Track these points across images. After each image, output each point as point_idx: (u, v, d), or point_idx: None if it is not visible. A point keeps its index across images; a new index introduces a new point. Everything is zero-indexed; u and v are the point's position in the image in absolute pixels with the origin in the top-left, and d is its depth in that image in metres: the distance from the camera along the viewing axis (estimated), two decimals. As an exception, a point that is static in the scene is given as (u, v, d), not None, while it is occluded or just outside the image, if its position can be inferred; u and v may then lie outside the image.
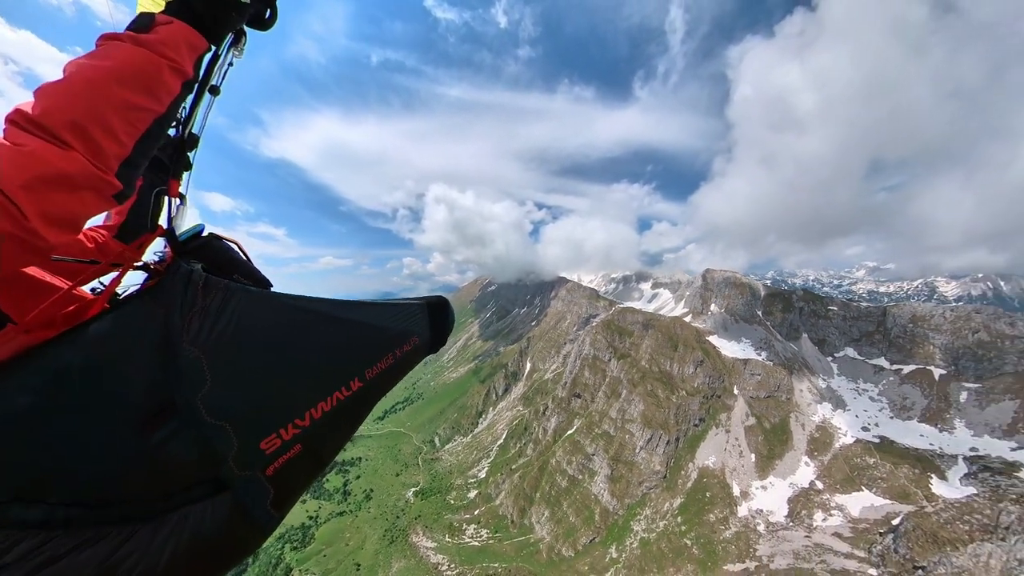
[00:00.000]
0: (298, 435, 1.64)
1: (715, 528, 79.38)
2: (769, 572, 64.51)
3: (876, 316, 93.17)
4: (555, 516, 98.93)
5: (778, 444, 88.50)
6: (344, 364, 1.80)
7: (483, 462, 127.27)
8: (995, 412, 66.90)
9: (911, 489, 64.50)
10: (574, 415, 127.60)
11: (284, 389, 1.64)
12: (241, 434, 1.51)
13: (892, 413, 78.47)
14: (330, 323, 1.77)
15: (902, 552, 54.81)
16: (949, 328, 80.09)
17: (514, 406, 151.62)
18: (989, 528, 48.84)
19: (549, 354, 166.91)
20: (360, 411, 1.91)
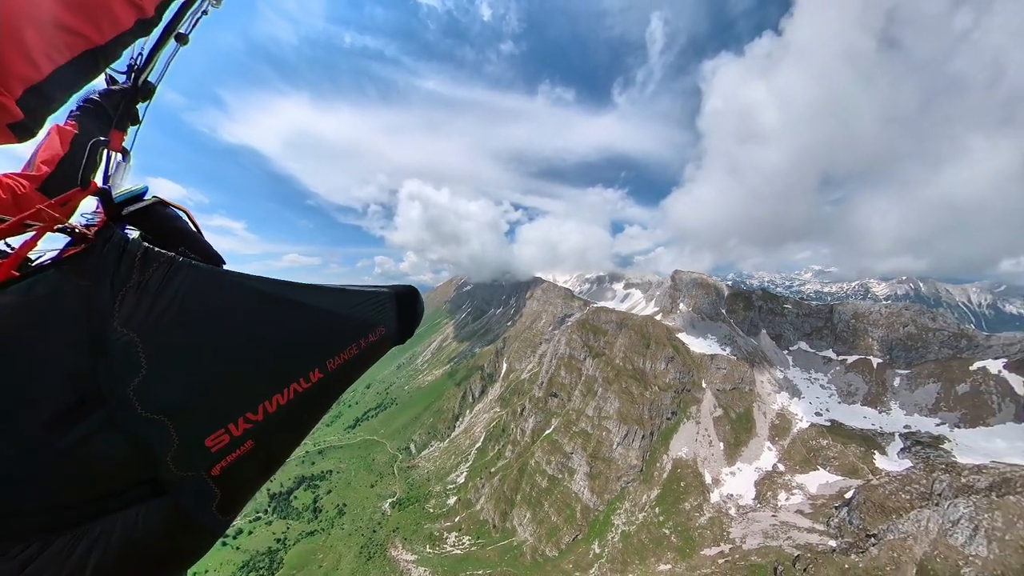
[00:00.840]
0: (250, 430, 1.47)
1: (691, 516, 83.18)
2: (742, 553, 68.54)
3: (824, 313, 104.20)
4: (537, 517, 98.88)
5: (743, 432, 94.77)
6: (304, 353, 1.65)
7: (462, 467, 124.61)
8: (922, 394, 77.30)
9: (859, 465, 71.72)
10: (551, 415, 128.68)
11: (235, 379, 1.46)
12: (182, 429, 1.34)
13: (840, 399, 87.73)
14: (290, 308, 1.61)
15: (856, 523, 60.56)
16: (884, 323, 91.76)
17: (491, 408, 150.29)
18: (926, 495, 55.25)
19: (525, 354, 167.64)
20: (320, 404, 1.76)
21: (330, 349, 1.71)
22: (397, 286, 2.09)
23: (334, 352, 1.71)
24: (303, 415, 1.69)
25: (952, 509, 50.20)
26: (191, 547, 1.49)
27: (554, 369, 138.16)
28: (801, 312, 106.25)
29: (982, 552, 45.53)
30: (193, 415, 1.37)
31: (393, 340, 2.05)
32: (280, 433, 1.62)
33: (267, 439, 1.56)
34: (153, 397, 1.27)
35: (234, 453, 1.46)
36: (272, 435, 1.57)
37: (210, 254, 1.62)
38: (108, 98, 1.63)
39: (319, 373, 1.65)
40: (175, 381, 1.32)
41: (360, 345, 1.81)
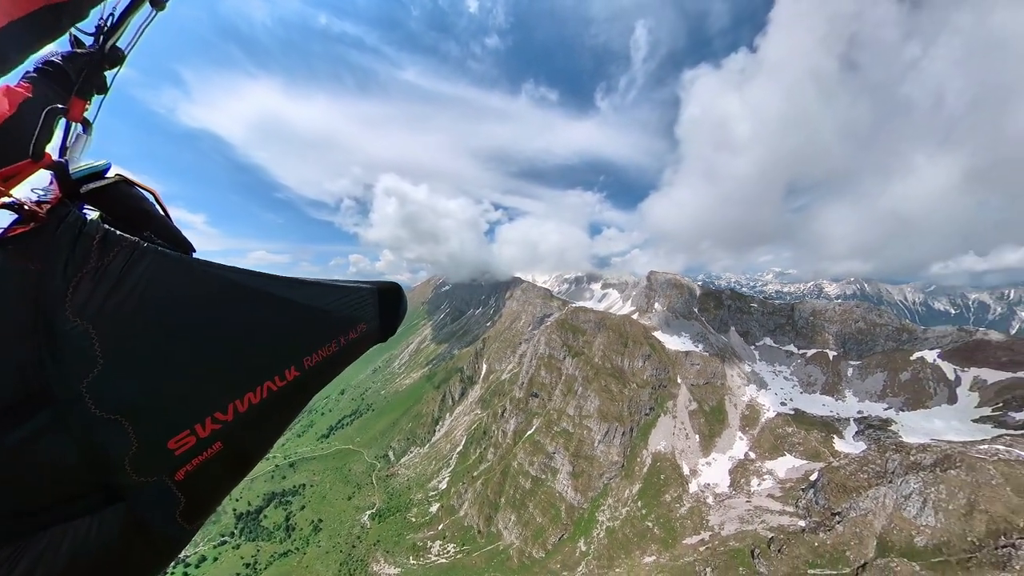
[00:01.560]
0: (219, 431, 1.36)
1: (671, 507, 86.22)
2: (721, 539, 71.95)
3: (786, 311, 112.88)
4: (522, 519, 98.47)
5: (717, 424, 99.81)
6: (279, 349, 1.53)
7: (443, 472, 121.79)
8: (872, 382, 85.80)
9: (820, 449, 77.76)
10: (532, 415, 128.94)
11: (203, 375, 1.33)
12: (142, 430, 1.21)
13: (801, 389, 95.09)
14: (265, 301, 1.48)
15: (821, 503, 65.41)
16: (838, 320, 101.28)
17: (472, 410, 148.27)
18: (881, 474, 60.73)
19: (505, 355, 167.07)
20: (295, 404, 1.66)
21: (308, 345, 1.58)
22: (380, 282, 1.99)
23: (312, 349, 1.59)
24: (276, 415, 1.58)
25: (904, 485, 55.54)
26: (152, 559, 1.37)
27: (534, 369, 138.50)
28: (766, 311, 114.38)
29: (931, 522, 50.66)
30: (154, 415, 1.24)
31: (374, 338, 1.93)
32: (251, 434, 1.50)
33: (237, 440, 1.44)
34: (109, 395, 1.14)
35: (200, 456, 1.34)
36: (243, 436, 1.46)
37: (179, 240, 1.49)
38: (71, 61, 1.42)
39: (295, 371, 1.52)
40: (135, 377, 1.19)
41: (340, 342, 1.70)
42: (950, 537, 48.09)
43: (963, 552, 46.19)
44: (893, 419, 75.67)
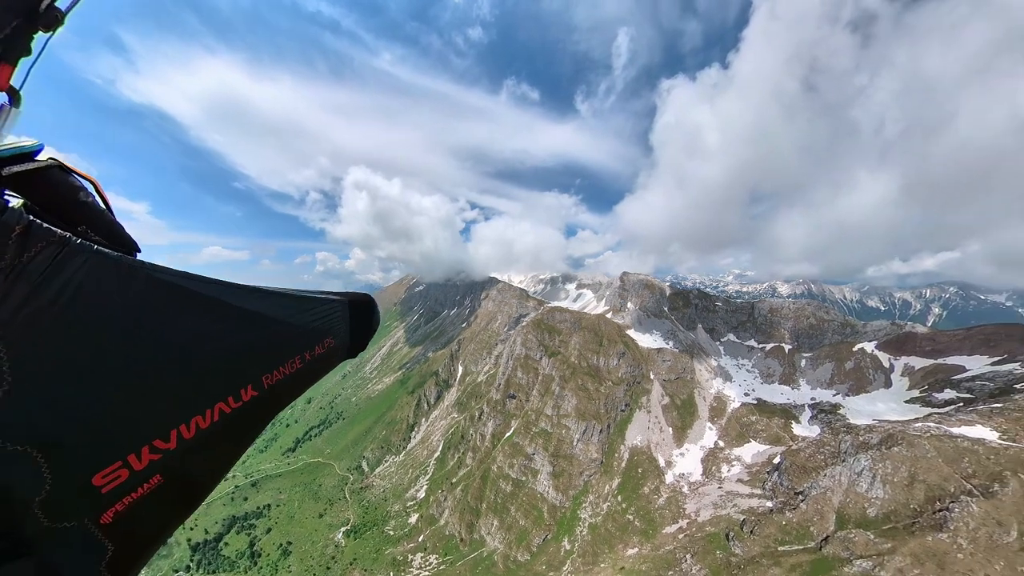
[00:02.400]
0: (158, 462, 1.08)
1: (650, 499, 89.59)
2: (698, 526, 75.78)
3: (747, 310, 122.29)
4: (505, 523, 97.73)
5: (688, 416, 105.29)
6: (236, 366, 1.27)
7: (421, 480, 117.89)
8: (822, 372, 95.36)
9: (781, 434, 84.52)
10: (510, 416, 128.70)
11: (142, 398, 1.04)
12: (59, 465, 0.94)
13: (762, 380, 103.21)
14: (221, 312, 1.22)
15: (785, 484, 70.95)
16: (792, 316, 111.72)
17: (448, 414, 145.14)
18: (835, 454, 67.00)
19: (481, 356, 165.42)
20: (252, 426, 1.38)
21: (268, 362, 1.35)
22: (351, 293, 1.83)
23: (273, 365, 1.35)
24: (230, 440, 1.30)
25: (856, 463, 61.62)
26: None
27: (511, 370, 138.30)
28: (729, 309, 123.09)
29: (880, 494, 56.58)
30: (76, 445, 0.96)
31: (344, 353, 1.77)
32: (199, 463, 1.21)
33: (182, 472, 1.16)
34: (17, 422, 0.88)
35: (134, 493, 1.06)
36: (188, 467, 1.17)
37: (121, 238, 1.25)
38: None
39: (252, 390, 1.28)
40: (52, 400, 0.91)
41: (304, 358, 1.50)
42: (896, 506, 54.04)
43: (907, 518, 52.04)
44: (841, 404, 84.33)
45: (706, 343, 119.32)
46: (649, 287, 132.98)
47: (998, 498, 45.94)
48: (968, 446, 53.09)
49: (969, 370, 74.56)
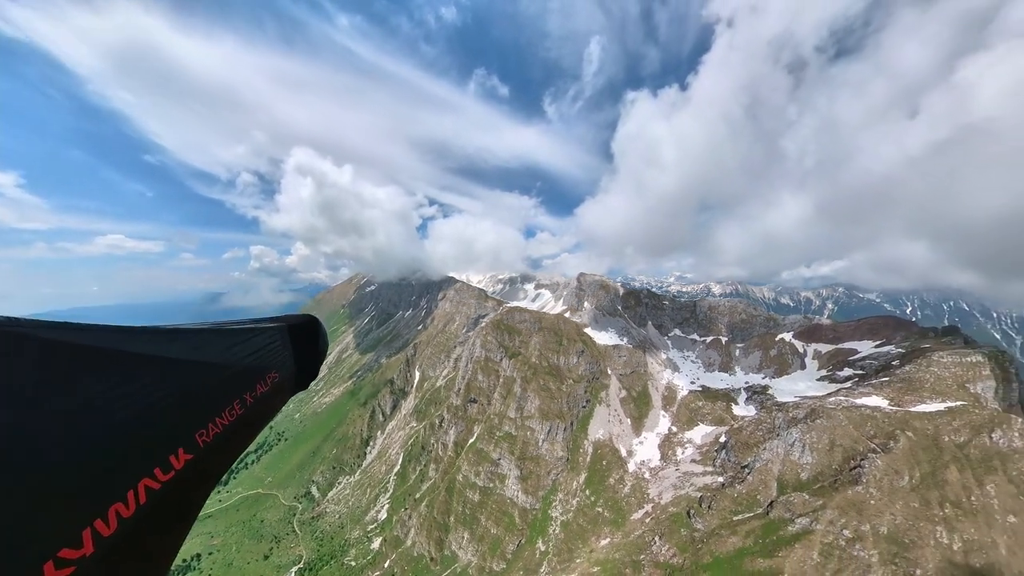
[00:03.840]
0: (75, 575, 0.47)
1: (616, 489, 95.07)
2: (661, 508, 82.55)
3: (690, 308, 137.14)
4: (476, 534, 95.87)
5: (644, 406, 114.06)
6: (157, 431, 0.55)
7: (381, 500, 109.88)
8: (752, 359, 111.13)
9: (724, 415, 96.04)
10: (473, 422, 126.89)
11: (31, 502, 0.44)
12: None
13: (704, 369, 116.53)
14: (129, 367, 0.53)
15: (732, 460, 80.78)
16: (727, 313, 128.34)
17: (406, 424, 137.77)
18: (771, 429, 78.20)
19: (439, 359, 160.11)
20: (193, 497, 0.74)
21: (200, 416, 0.90)
22: (289, 316, 1.66)
23: (207, 419, 0.92)
24: (169, 520, 0.56)
25: (788, 436, 72.58)
26: None
27: (471, 373, 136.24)
28: (674, 307, 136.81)
29: (809, 460, 67.39)
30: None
31: (292, 386, 1.58)
32: (134, 560, 0.46)
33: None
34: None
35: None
36: (121, 569, 0.46)
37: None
38: None
39: (186, 454, 0.69)
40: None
41: (246, 402, 1.17)
42: (822, 468, 64.95)
43: (831, 477, 62.84)
44: (769, 385, 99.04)
45: (656, 338, 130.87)
46: (604, 287, 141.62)
47: (893, 452, 57.80)
48: (869, 413, 65.82)
49: (860, 352, 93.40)
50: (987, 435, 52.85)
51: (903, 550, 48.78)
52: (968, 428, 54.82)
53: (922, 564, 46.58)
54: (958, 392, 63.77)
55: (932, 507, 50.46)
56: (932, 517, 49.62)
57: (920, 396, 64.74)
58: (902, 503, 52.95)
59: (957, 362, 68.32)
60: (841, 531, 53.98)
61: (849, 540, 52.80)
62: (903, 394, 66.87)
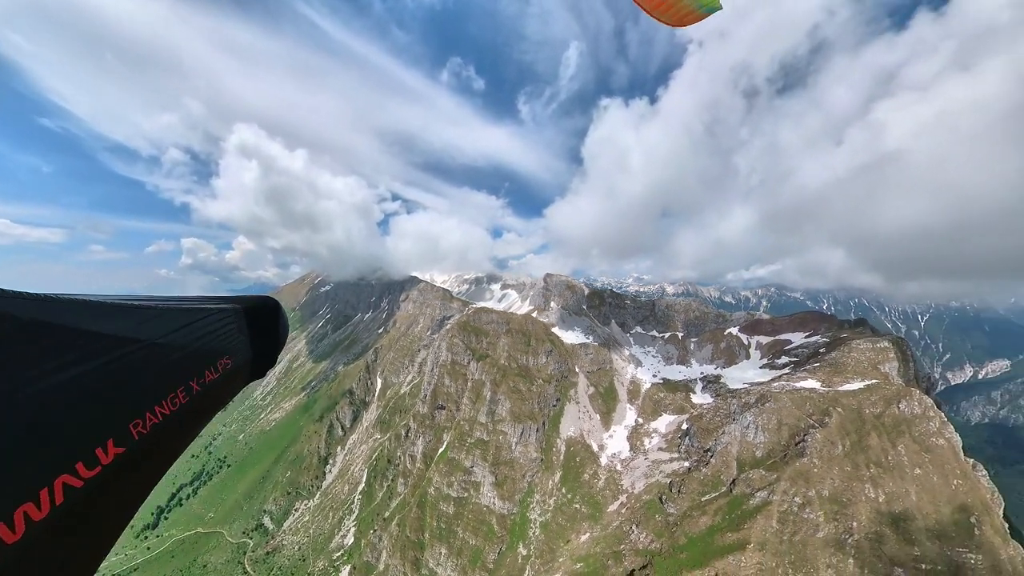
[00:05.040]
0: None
1: (591, 484, 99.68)
2: (635, 497, 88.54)
3: (649, 306, 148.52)
4: (454, 548, 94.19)
5: (611, 401, 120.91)
6: (83, 419, 0.41)
7: (346, 523, 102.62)
8: (705, 352, 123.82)
9: (684, 404, 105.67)
10: (442, 430, 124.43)
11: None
12: None
13: (664, 362, 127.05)
14: (56, 342, 0.40)
15: (696, 445, 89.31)
16: (683, 311, 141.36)
17: (369, 436, 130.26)
18: (727, 415, 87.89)
19: (402, 364, 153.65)
20: (124, 500, 0.62)
21: (137, 403, 0.64)
22: (247, 297, 1.41)
23: (144, 407, 0.67)
24: (88, 528, 0.41)
25: (743, 419, 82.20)
26: None
27: (437, 378, 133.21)
28: (636, 306, 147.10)
29: (762, 439, 77.02)
30: None
31: (246, 373, 1.31)
32: (43, 567, 0.40)
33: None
34: None
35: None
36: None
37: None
38: None
39: (116, 447, 0.48)
40: None
41: (191, 389, 0.92)
42: (773, 446, 74.69)
43: (781, 453, 72.55)
44: (721, 375, 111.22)
45: (619, 336, 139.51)
46: (571, 288, 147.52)
47: (828, 426, 68.54)
48: (807, 394, 77.14)
49: (793, 342, 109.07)
50: (896, 406, 65.42)
51: (842, 508, 58.28)
52: (882, 401, 67.25)
53: (857, 517, 56.15)
54: (872, 372, 77.96)
55: (860, 469, 60.95)
56: (861, 477, 59.96)
57: (845, 377, 77.86)
58: (838, 468, 63.08)
59: (870, 348, 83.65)
60: (793, 499, 62.77)
61: (800, 506, 61.65)
62: (832, 376, 79.74)
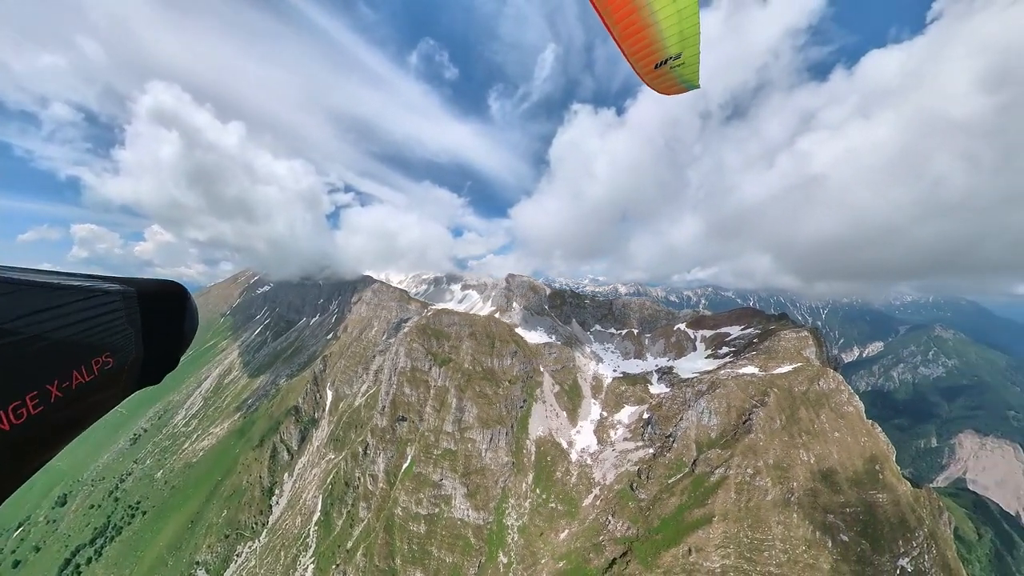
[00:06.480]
0: None
1: (564, 481, 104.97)
2: (608, 488, 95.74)
3: (607, 305, 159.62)
4: (430, 569, 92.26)
5: (576, 398, 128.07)
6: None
7: (302, 561, 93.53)
8: (658, 346, 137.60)
9: (643, 395, 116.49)
10: (405, 444, 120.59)
11: None
12: None
13: (622, 357, 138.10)
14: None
15: (658, 432, 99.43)
16: (638, 309, 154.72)
17: (322, 458, 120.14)
18: (683, 402, 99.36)
19: (356, 374, 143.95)
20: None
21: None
22: (144, 280, 1.07)
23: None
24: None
25: (698, 406, 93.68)
26: None
27: (396, 387, 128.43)
28: (594, 305, 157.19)
29: (716, 422, 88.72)
30: None
31: (132, 379, 0.94)
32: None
33: None
34: None
35: None
36: None
37: None
38: None
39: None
40: None
41: (48, 396, 0.54)
42: (725, 427, 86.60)
43: (731, 432, 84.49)
44: (673, 366, 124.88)
45: (580, 334, 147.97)
46: (533, 288, 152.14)
47: (768, 405, 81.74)
48: (749, 379, 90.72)
49: (731, 334, 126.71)
50: (816, 383, 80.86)
51: (784, 472, 70.37)
52: (806, 380, 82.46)
53: (796, 478, 68.40)
54: (797, 357, 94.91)
55: (795, 438, 74.12)
56: (796, 444, 72.99)
57: (777, 362, 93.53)
58: (778, 440, 75.77)
59: (794, 337, 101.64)
60: (746, 471, 73.92)
61: (751, 475, 72.88)
62: (767, 362, 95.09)
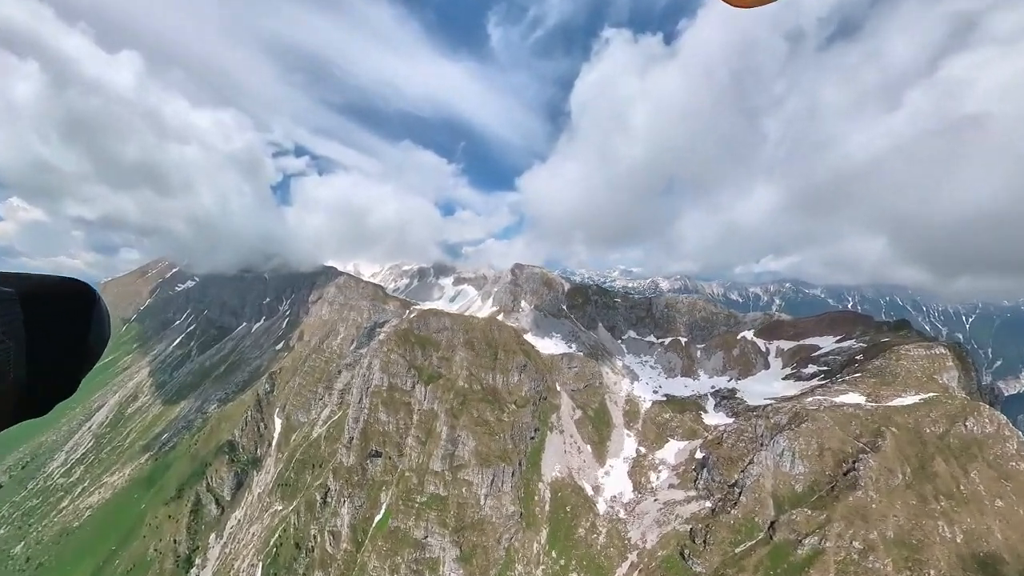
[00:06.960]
0: None
1: (588, 541, 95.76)
2: (649, 553, 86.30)
3: (645, 305, 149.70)
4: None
5: (604, 427, 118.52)
6: None
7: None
8: (715, 361, 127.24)
9: (695, 427, 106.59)
10: (378, 488, 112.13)
11: None
12: None
13: (665, 374, 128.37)
14: None
15: (717, 479, 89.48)
16: (687, 311, 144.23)
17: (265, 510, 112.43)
18: (754, 439, 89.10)
19: (314, 396, 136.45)
20: None
21: None
22: (31, 277, 1.11)
23: None
24: None
25: (775, 445, 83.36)
26: None
27: (368, 412, 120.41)
28: (628, 305, 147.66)
29: (801, 470, 78.36)
30: None
31: (8, 409, 1.01)
32: None
33: None
34: None
35: None
36: None
37: None
38: None
39: None
40: None
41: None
42: (816, 477, 76.25)
43: (826, 485, 74.14)
44: (736, 388, 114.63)
45: (609, 342, 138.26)
46: (546, 282, 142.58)
47: (883, 450, 71.11)
48: (851, 411, 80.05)
49: (822, 348, 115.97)
50: (962, 424, 70.01)
51: (914, 552, 59.92)
52: (945, 419, 71.67)
53: (934, 563, 57.94)
54: (929, 384, 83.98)
55: (929, 502, 63.53)
56: (931, 512, 62.43)
57: (895, 390, 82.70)
58: (901, 502, 65.21)
59: (924, 355, 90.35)
60: (851, 544, 63.61)
61: (861, 552, 62.56)
62: (879, 389, 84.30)
